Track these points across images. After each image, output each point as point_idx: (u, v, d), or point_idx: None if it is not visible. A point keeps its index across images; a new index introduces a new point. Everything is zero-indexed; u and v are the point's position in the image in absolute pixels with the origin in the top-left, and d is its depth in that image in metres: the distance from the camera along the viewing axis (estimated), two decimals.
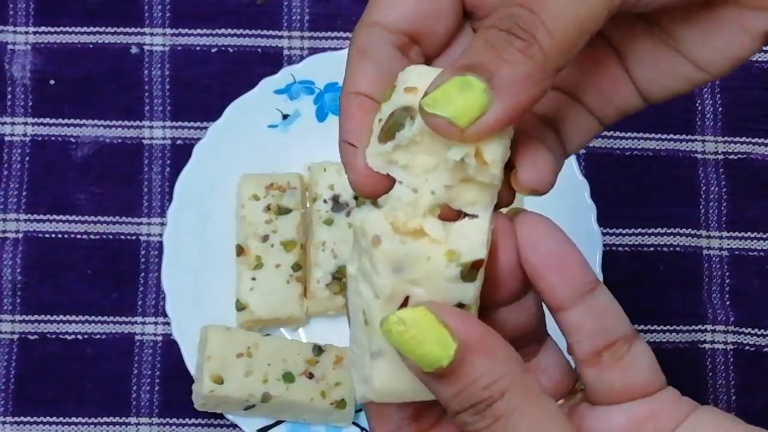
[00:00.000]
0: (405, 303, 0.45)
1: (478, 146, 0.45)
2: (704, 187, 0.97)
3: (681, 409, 0.49)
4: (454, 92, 0.43)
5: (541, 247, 0.47)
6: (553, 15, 0.43)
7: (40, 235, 0.94)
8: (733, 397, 0.94)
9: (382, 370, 0.46)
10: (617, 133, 0.97)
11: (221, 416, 0.91)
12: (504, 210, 0.48)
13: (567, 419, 0.45)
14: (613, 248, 0.95)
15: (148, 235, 0.95)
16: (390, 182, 0.47)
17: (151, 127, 0.96)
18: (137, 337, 0.93)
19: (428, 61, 0.49)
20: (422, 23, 0.48)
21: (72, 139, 0.96)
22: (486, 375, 0.43)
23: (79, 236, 0.94)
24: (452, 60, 0.47)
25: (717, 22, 0.48)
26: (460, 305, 0.45)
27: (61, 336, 0.93)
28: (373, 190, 0.47)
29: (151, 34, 0.97)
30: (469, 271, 0.45)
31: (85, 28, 0.97)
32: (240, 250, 0.91)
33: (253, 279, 0.91)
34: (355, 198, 0.92)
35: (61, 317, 0.93)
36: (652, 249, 0.96)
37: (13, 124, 0.96)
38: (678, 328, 0.95)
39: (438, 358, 0.43)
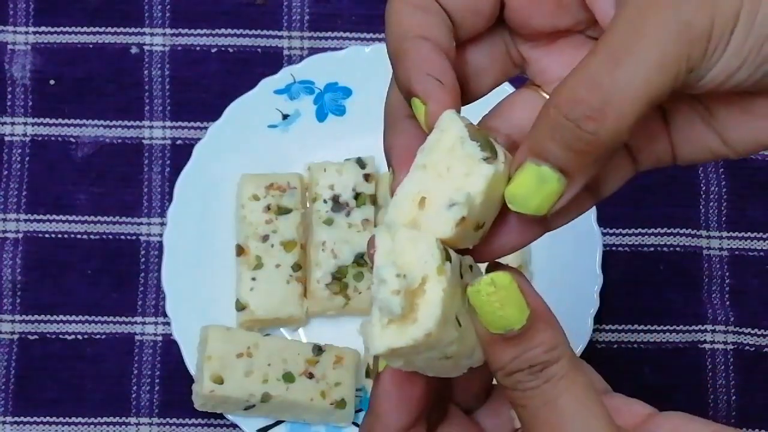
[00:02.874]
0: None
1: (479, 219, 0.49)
2: (704, 187, 0.97)
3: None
4: (532, 186, 0.48)
5: None
6: (619, 104, 0.46)
7: (40, 235, 0.94)
8: (733, 397, 0.94)
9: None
10: None
11: (221, 416, 0.91)
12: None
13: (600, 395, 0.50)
14: (613, 248, 0.95)
15: (148, 235, 0.95)
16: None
17: (151, 127, 0.96)
18: (137, 337, 0.93)
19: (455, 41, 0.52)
20: (461, 10, 0.51)
21: (72, 139, 0.96)
22: (547, 342, 0.49)
23: (79, 236, 0.94)
24: (480, 60, 0.52)
25: (753, 110, 0.51)
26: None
27: (61, 336, 0.93)
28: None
29: (151, 34, 0.98)
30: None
31: (85, 28, 0.97)
32: (240, 250, 0.91)
33: (253, 279, 0.91)
34: (355, 198, 0.92)
35: (61, 317, 0.93)
36: (652, 249, 0.96)
37: (13, 124, 0.96)
38: (678, 328, 0.95)
39: (514, 320, 0.48)
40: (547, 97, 0.50)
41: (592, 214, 0.91)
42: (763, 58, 0.47)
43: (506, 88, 0.67)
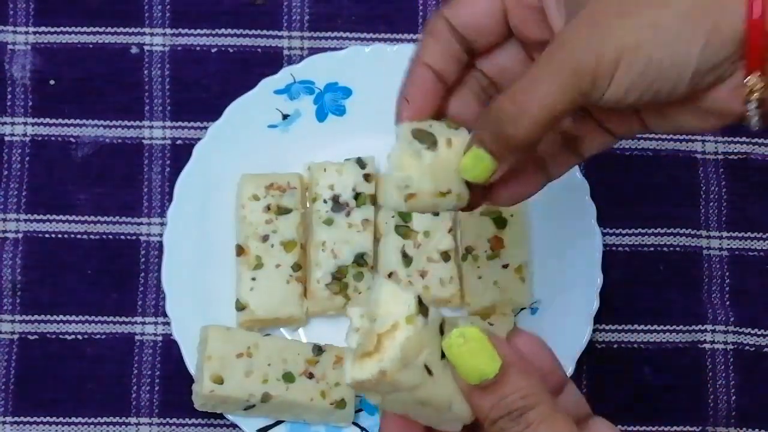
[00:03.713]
0: None
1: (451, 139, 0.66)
2: (704, 187, 0.97)
3: None
4: (474, 162, 0.64)
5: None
6: (530, 113, 0.61)
7: (40, 235, 0.94)
8: (733, 397, 0.94)
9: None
10: None
11: (221, 416, 0.91)
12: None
13: None
14: (613, 248, 0.95)
15: (148, 235, 0.95)
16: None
17: (151, 127, 0.96)
18: (137, 337, 0.93)
19: (473, 56, 0.69)
20: (476, 34, 0.67)
21: (72, 139, 0.96)
22: (522, 388, 0.54)
23: (79, 236, 0.94)
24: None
25: (668, 114, 0.64)
26: None
27: (61, 336, 0.93)
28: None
29: (151, 34, 0.98)
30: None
31: (85, 28, 0.97)
32: (240, 250, 0.91)
33: (253, 279, 0.91)
34: (355, 198, 0.92)
35: (61, 317, 0.93)
36: (652, 249, 0.96)
37: (13, 124, 0.96)
38: (678, 328, 0.94)
39: (487, 370, 0.54)
40: None
41: (592, 214, 0.91)
42: (644, 88, 0.60)
43: None
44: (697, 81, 0.60)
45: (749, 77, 0.59)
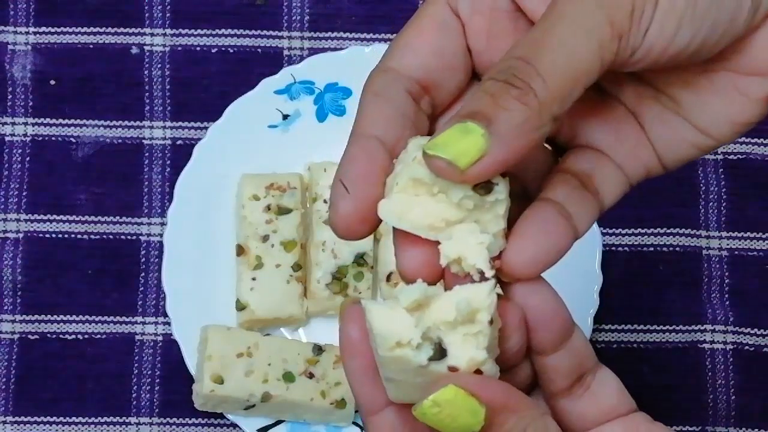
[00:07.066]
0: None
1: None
2: (704, 187, 0.97)
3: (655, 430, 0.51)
4: (455, 137, 0.46)
5: (535, 310, 0.50)
6: (548, 65, 0.46)
7: (41, 235, 0.94)
8: (733, 397, 0.94)
9: (391, 392, 0.49)
10: None
11: (221, 416, 0.91)
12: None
13: None
14: (613, 248, 0.95)
15: (148, 235, 0.95)
16: (373, 226, 0.49)
17: (151, 127, 0.96)
18: (137, 337, 0.93)
19: (435, 113, 0.51)
20: (436, 75, 0.50)
21: (72, 139, 0.96)
22: (513, 428, 0.47)
23: (79, 236, 0.94)
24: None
25: (714, 88, 0.49)
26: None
27: (61, 336, 0.93)
28: (354, 235, 0.49)
29: (152, 35, 0.98)
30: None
31: (85, 29, 0.98)
32: (240, 250, 0.91)
33: (254, 279, 0.91)
34: None
35: (61, 317, 0.93)
36: (652, 249, 0.96)
37: (13, 124, 0.96)
38: (678, 327, 0.95)
39: (471, 425, 0.46)
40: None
41: None
42: (703, 10, 0.46)
43: None
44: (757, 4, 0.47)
45: None
